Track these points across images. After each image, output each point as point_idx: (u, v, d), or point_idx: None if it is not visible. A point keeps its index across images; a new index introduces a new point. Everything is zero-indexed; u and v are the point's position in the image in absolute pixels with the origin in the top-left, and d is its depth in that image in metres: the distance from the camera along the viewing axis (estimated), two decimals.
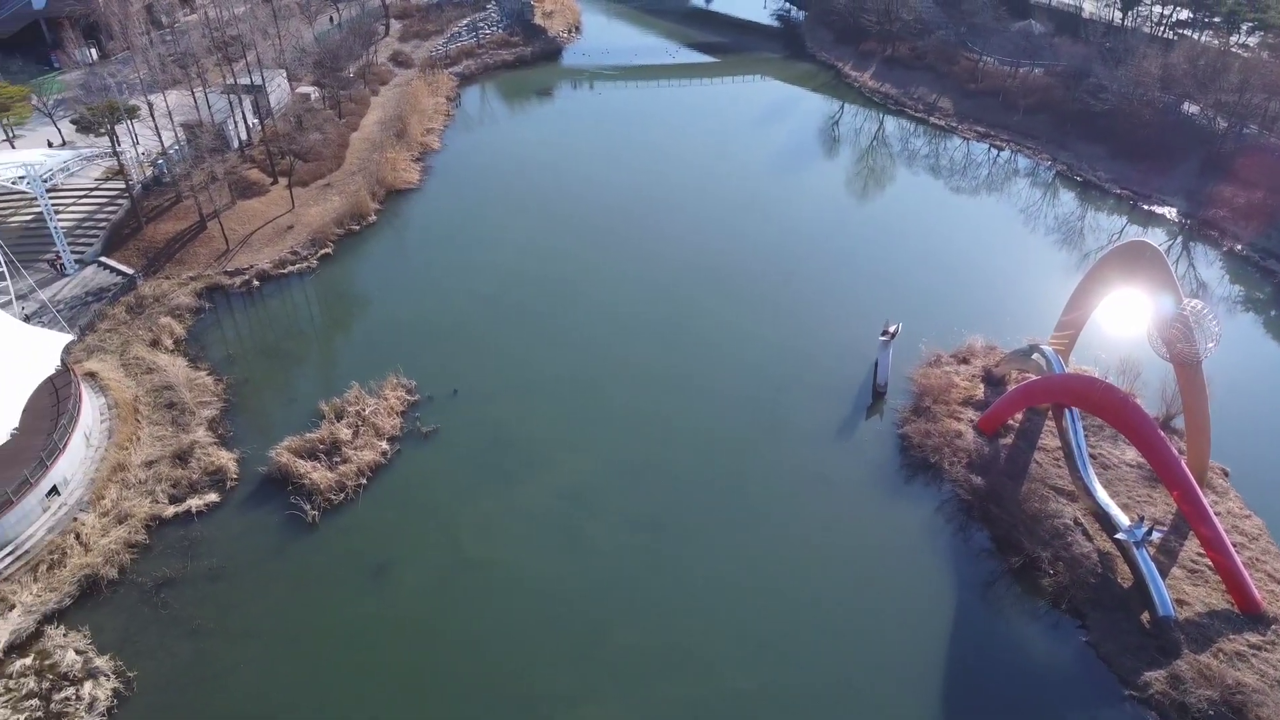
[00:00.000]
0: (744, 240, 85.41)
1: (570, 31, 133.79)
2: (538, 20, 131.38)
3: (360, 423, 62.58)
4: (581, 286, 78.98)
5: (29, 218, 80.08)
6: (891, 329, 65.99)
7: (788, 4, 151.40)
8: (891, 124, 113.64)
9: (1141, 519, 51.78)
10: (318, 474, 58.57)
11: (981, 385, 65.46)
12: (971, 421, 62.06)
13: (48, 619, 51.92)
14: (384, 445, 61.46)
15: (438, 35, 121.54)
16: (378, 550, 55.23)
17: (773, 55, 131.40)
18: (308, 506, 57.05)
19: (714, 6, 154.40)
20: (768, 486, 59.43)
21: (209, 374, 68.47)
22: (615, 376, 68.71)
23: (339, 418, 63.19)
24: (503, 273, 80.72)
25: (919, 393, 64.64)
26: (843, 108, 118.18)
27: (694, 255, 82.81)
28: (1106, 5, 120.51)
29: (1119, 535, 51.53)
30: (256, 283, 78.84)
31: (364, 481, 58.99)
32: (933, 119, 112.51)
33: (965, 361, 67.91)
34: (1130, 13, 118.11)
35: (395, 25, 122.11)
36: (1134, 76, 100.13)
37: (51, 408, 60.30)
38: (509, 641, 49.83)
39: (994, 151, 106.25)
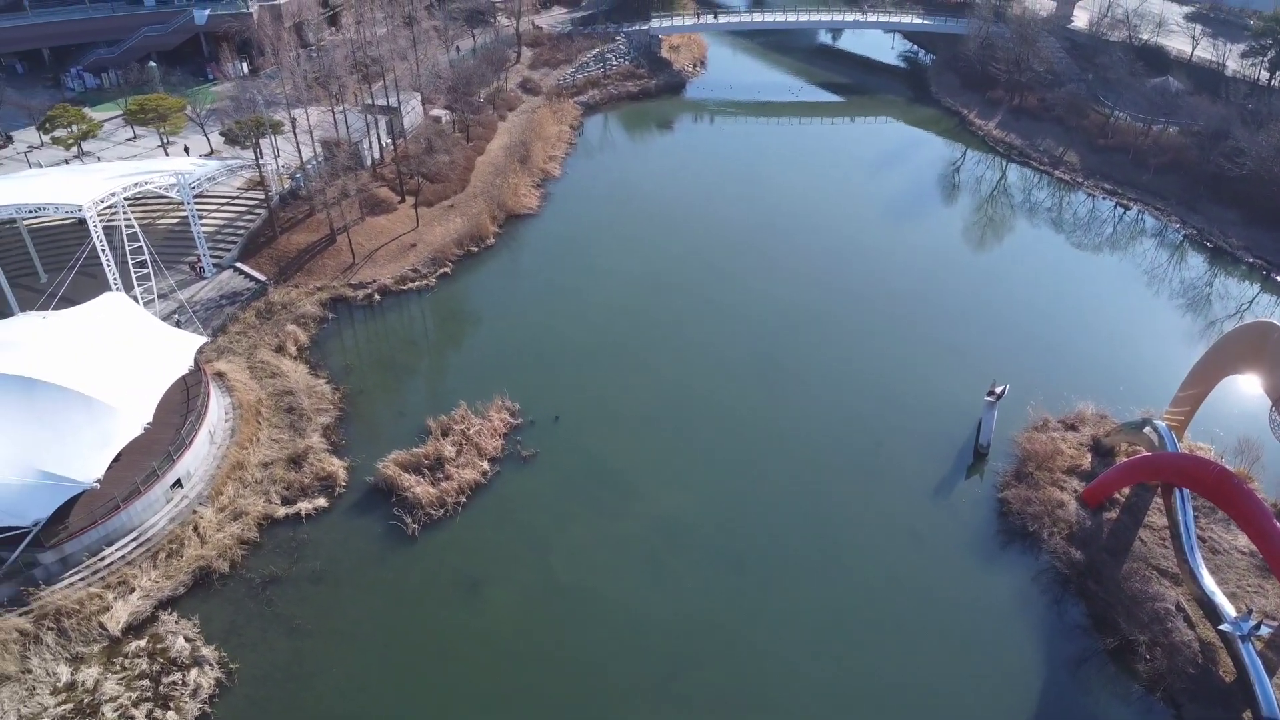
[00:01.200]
0: (853, 284, 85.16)
1: (695, 66, 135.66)
2: (664, 54, 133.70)
3: (464, 441, 64.74)
4: (687, 320, 79.99)
5: (175, 221, 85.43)
6: (998, 389, 64.97)
7: (915, 46, 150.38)
8: (1014, 174, 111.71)
9: (1250, 611, 49.76)
10: (420, 488, 60.84)
11: (1089, 455, 63.79)
12: (1075, 492, 60.56)
13: (163, 605, 55.23)
14: (485, 465, 63.42)
15: (566, 64, 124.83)
16: (472, 567, 57.05)
17: (896, 97, 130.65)
18: (409, 519, 59.35)
19: (840, 44, 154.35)
20: (858, 537, 59.17)
21: (327, 382, 71.80)
22: (714, 413, 69.41)
23: (445, 435, 65.51)
24: (612, 302, 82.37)
25: (1022, 457, 63.40)
26: (965, 154, 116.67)
27: (801, 296, 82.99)
28: (1252, 64, 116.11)
29: (1224, 626, 49.59)
30: (378, 297, 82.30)
31: (464, 499, 61.00)
32: (1057, 172, 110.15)
33: (1073, 428, 66.26)
34: (1278, 73, 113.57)
35: (526, 53, 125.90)
36: (1277, 141, 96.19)
37: (182, 404, 64.18)
38: (589, 668, 50.89)
39: (1120, 210, 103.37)
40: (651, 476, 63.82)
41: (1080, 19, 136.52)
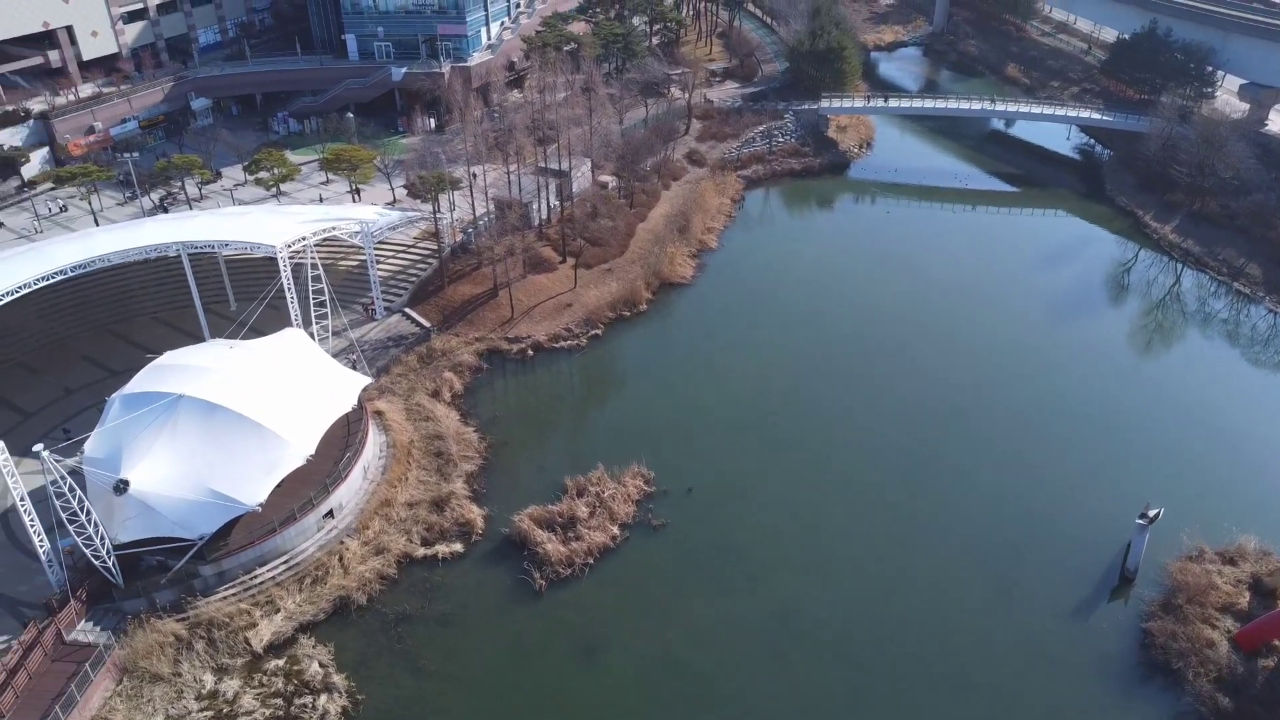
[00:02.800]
0: (1006, 382, 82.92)
1: (862, 147, 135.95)
2: (831, 133, 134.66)
3: (598, 504, 66.34)
4: (828, 404, 79.75)
5: (354, 264, 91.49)
6: (1152, 512, 61.96)
7: (1091, 140, 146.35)
8: (1189, 281, 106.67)
9: None
10: (552, 546, 62.66)
11: (1247, 593, 59.88)
12: (1229, 633, 56.93)
13: (303, 628, 58.71)
14: (615, 530, 64.78)
15: (733, 139, 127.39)
16: (592, 631, 58.22)
17: (1067, 191, 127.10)
18: (537, 575, 61.18)
19: (1013, 130, 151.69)
20: (986, 651, 57.29)
21: (475, 431, 75.03)
22: (847, 502, 68.83)
23: (580, 495, 67.34)
24: (756, 378, 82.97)
25: (1173, 587, 60.07)
26: (1136, 256, 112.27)
27: (950, 389, 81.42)
28: None
29: None
30: (531, 352, 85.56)
31: (591, 561, 62.43)
32: (1237, 284, 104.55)
33: (1232, 563, 62.35)
34: None
35: (696, 125, 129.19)
36: None
37: (342, 438, 68.34)
38: None
39: None
40: (779, 560, 63.72)
41: (1276, 123, 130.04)
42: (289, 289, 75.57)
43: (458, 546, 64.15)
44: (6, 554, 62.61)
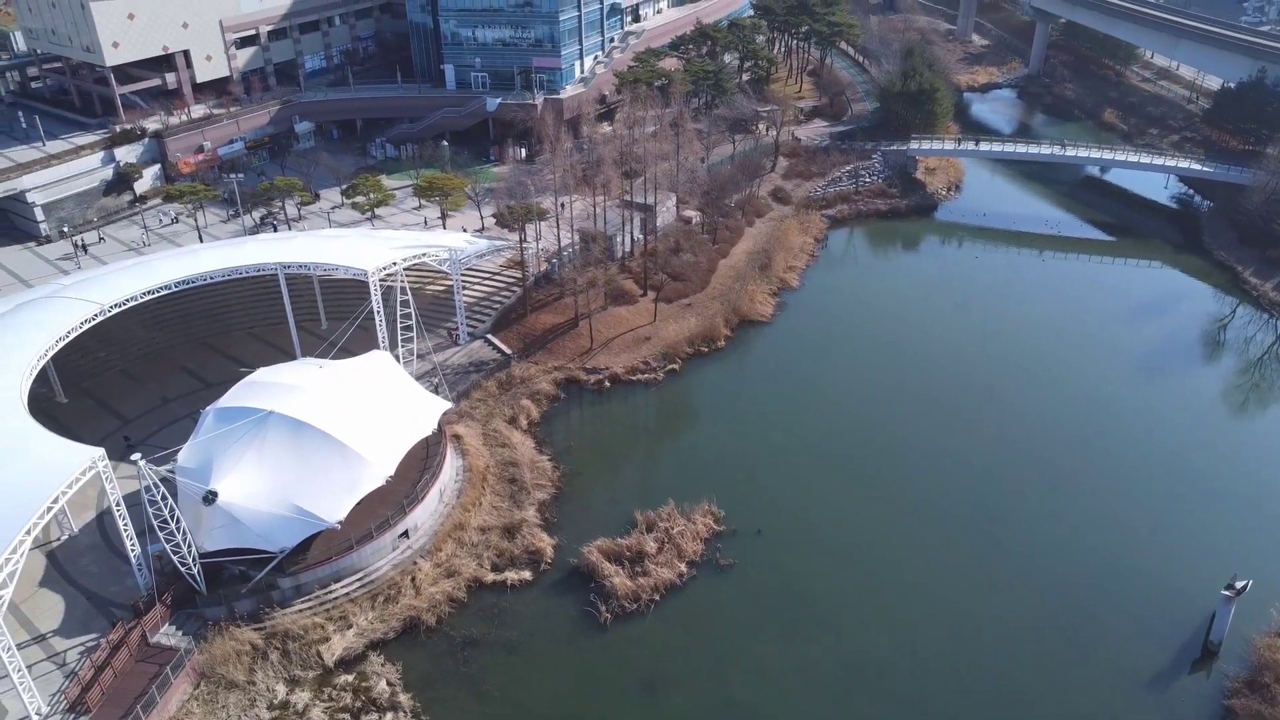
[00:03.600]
0: (1089, 438, 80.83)
1: (950, 190, 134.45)
2: (919, 174, 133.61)
3: (667, 540, 66.63)
4: (904, 449, 78.80)
5: (441, 289, 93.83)
6: (1240, 584, 59.71)
7: (1190, 190, 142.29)
8: None
9: None
10: (619, 579, 63.13)
11: None
12: None
13: (373, 646, 60.19)
14: (682, 567, 64.97)
15: (819, 177, 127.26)
16: (654, 668, 58.43)
17: (1162, 242, 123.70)
18: (603, 607, 61.68)
19: (1109, 177, 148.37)
20: (1058, 716, 55.73)
21: (549, 459, 76.13)
22: (920, 550, 67.85)
23: (649, 530, 67.75)
24: (831, 421, 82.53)
25: (1259, 665, 57.71)
26: (1234, 312, 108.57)
27: (1029, 443, 79.78)
28: None
29: None
30: (608, 384, 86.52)
31: (657, 598, 62.71)
32: None
33: None
34: None
35: (782, 162, 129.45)
36: None
37: (420, 460, 70.02)
38: None
39: None
40: (846, 607, 63.14)
41: None
42: (378, 312, 77.95)
43: (527, 574, 65.06)
44: (101, 555, 65.55)
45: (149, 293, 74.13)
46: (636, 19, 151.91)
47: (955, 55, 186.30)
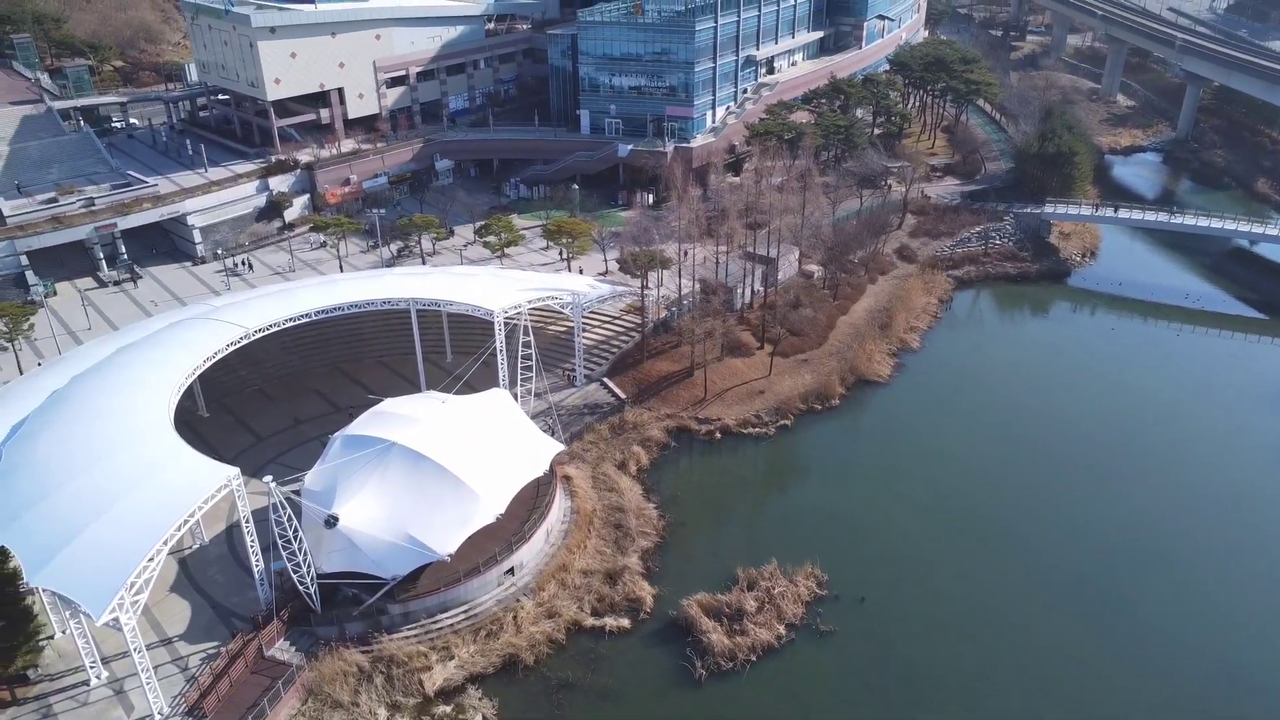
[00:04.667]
0: (1221, 530, 76.64)
1: (1085, 256, 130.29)
2: (1052, 239, 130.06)
3: (767, 600, 66.27)
4: (1021, 528, 76.39)
5: (561, 330, 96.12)
6: None
7: None
8: None
9: None
10: (716, 636, 63.09)
11: None
12: None
13: (473, 679, 61.62)
14: (781, 629, 64.47)
15: (947, 237, 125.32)
16: None
17: None
18: (699, 663, 61.72)
19: (1260, 250, 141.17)
20: None
21: (655, 507, 76.81)
22: (1031, 635, 65.50)
23: (750, 588, 67.52)
24: (944, 488, 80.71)
25: None
26: None
27: (1153, 530, 76.17)
28: None
29: None
30: (719, 435, 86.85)
31: (754, 659, 62.35)
32: None
33: None
34: None
35: (910, 220, 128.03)
36: None
37: (530, 499, 71.62)
38: None
39: None
40: (951, 686, 61.42)
41: None
42: (500, 350, 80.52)
43: (625, 622, 65.61)
44: (227, 566, 69.24)
45: (291, 320, 78.42)
46: (771, 70, 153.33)
47: (1098, 115, 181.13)
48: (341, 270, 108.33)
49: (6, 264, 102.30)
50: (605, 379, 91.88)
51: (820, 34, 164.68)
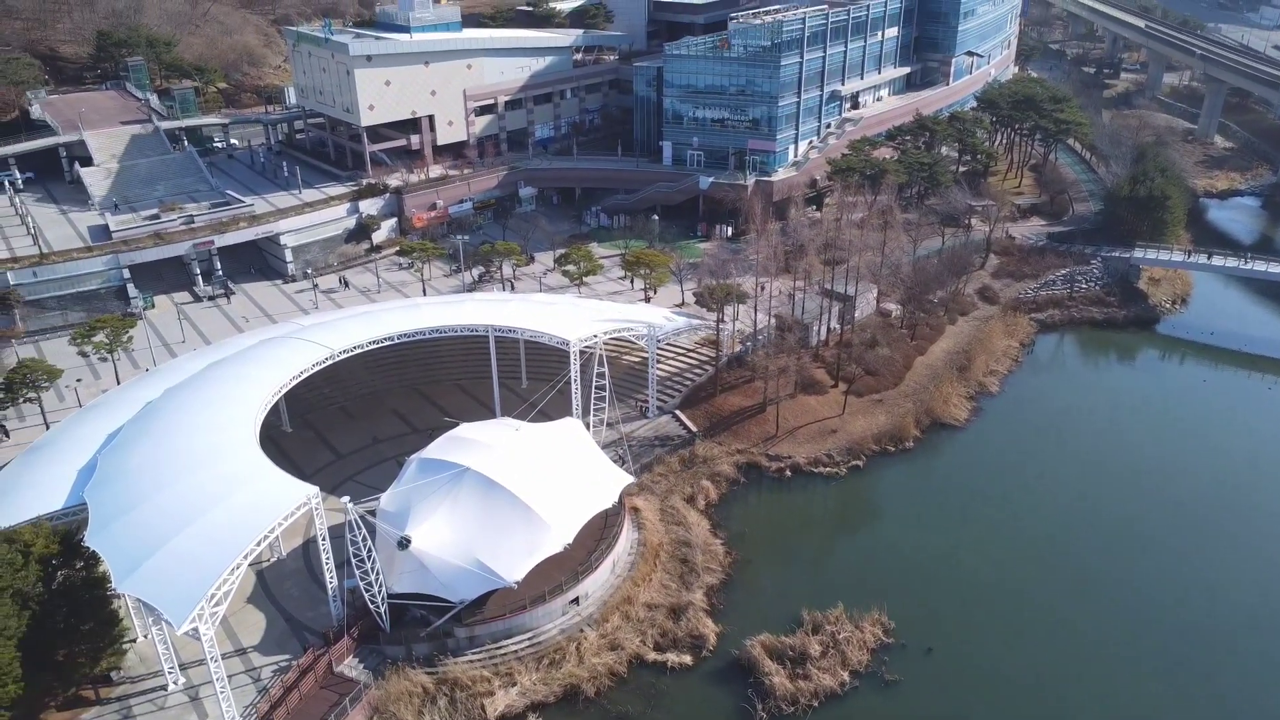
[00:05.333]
0: None
1: (1175, 303, 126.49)
2: (1141, 284, 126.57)
3: (832, 644, 65.59)
4: (1095, 580, 74.19)
5: (636, 360, 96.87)
6: None
7: None
8: None
9: None
10: (779, 679, 62.68)
11: None
12: None
13: (533, 707, 62.26)
14: (845, 676, 63.69)
15: (1031, 279, 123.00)
16: None
17: None
18: (760, 706, 61.34)
19: None
20: None
21: (722, 543, 76.71)
22: (1100, 693, 63.45)
23: (815, 631, 66.92)
24: (1019, 539, 78.93)
25: None
26: None
27: (1237, 594, 73.10)
28: None
29: None
30: (789, 473, 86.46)
31: (816, 704, 61.75)
32: None
33: None
34: None
35: (993, 260, 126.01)
36: None
37: (597, 529, 72.15)
38: None
39: None
40: None
41: None
42: (574, 379, 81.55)
43: (687, 658, 65.55)
44: (302, 581, 71.20)
45: (374, 342, 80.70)
46: (855, 105, 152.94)
47: (1194, 157, 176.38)
48: (424, 293, 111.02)
49: (110, 277, 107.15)
50: (677, 411, 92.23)
51: (907, 70, 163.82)
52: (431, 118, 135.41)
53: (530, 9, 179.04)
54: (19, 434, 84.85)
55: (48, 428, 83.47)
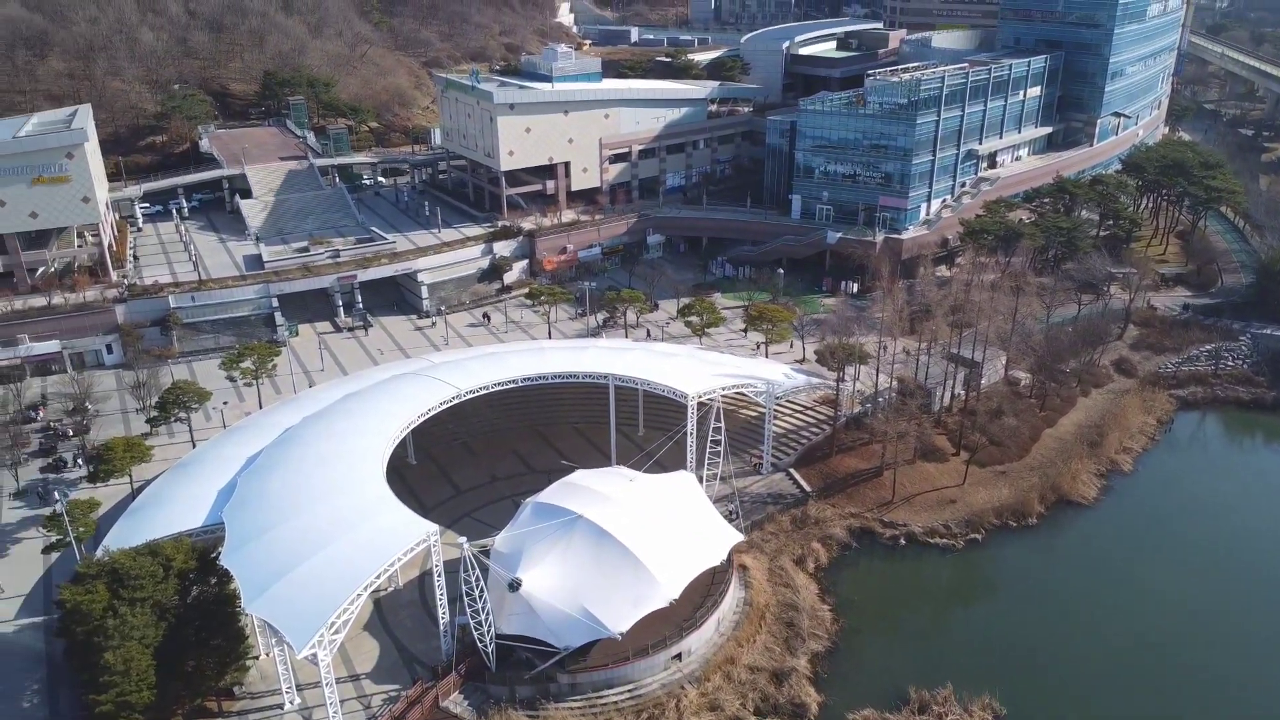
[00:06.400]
0: None
1: None
2: None
3: None
4: (1230, 679, 69.73)
5: (752, 415, 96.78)
6: None
7: None
8: None
9: None
10: None
11: None
12: None
13: None
14: None
15: (1173, 353, 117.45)
16: None
17: None
18: None
19: None
20: None
21: (830, 610, 75.64)
22: None
23: (921, 711, 65.30)
24: (1146, 629, 74.96)
25: None
26: None
27: None
28: None
29: None
30: (903, 541, 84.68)
31: None
32: None
33: None
34: None
35: (1132, 331, 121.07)
36: None
37: (704, 586, 72.14)
38: None
39: None
40: None
41: None
42: (690, 432, 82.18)
43: None
44: (415, 613, 73.52)
45: (499, 384, 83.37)
46: (992, 165, 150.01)
47: None
48: (550, 335, 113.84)
49: (261, 305, 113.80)
50: (792, 469, 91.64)
51: (1048, 130, 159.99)
52: (567, 164, 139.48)
53: (669, 60, 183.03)
54: (168, 449, 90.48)
55: (194, 445, 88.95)
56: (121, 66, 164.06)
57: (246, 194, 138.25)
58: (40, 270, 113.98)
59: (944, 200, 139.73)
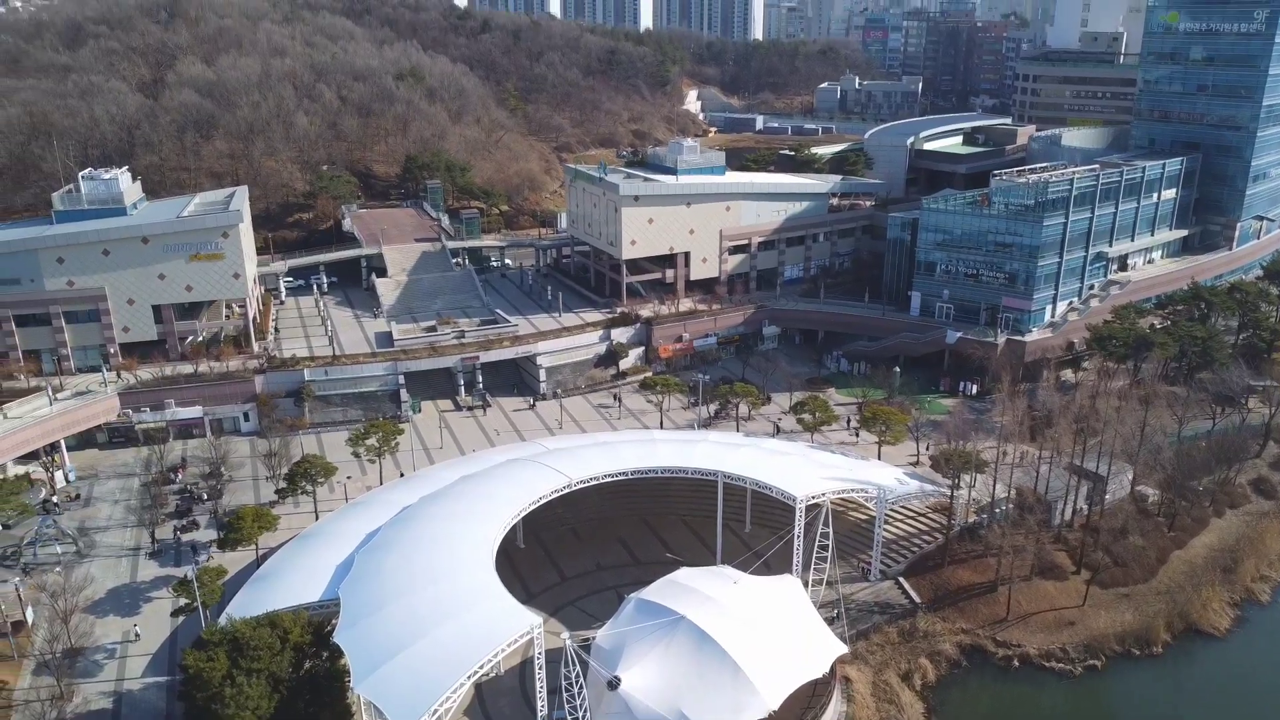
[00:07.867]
0: None
1: None
2: None
3: None
4: None
5: (862, 519, 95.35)
6: None
7: None
8: None
9: None
10: None
11: None
12: None
13: None
14: None
15: None
16: None
17: None
18: None
19: None
20: None
21: None
22: None
23: None
24: None
25: None
26: None
27: None
28: None
29: None
30: (1017, 663, 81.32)
31: None
32: None
33: None
34: None
35: (1272, 449, 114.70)
36: None
37: (806, 694, 70.80)
38: None
39: None
40: None
41: None
42: (798, 535, 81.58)
43: None
44: (515, 700, 74.36)
45: (609, 475, 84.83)
46: (1123, 267, 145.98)
47: None
48: (662, 423, 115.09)
49: (388, 381, 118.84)
50: (901, 578, 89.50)
51: (1184, 233, 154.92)
52: (687, 254, 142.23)
53: (792, 154, 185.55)
54: (292, 518, 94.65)
55: (317, 517, 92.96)
56: (277, 147, 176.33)
57: (382, 272, 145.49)
58: (189, 339, 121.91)
59: (1070, 303, 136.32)
